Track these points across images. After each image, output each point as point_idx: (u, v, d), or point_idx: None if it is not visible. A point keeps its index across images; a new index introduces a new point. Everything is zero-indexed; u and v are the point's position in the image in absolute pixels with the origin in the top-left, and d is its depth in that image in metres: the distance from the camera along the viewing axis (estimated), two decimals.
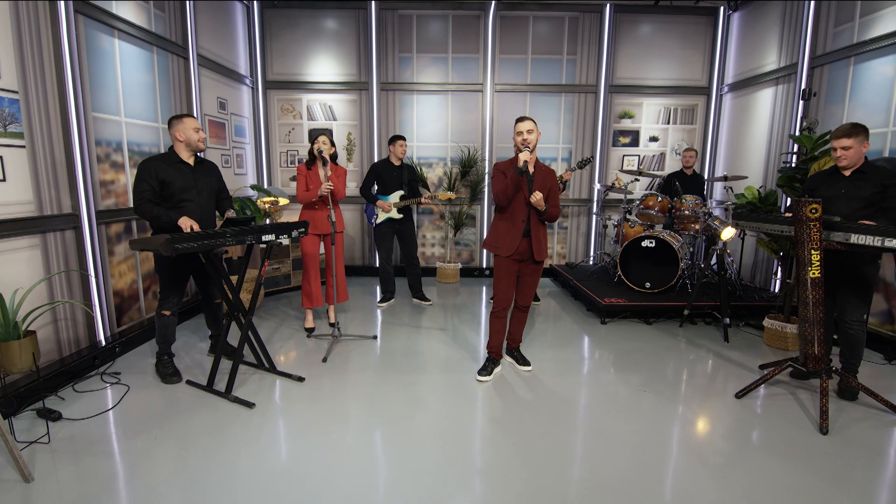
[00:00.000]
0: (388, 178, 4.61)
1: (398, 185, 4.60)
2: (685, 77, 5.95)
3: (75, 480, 2.09)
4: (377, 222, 4.66)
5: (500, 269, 3.05)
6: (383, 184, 4.62)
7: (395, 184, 4.61)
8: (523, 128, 2.87)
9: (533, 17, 5.81)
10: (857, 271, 2.81)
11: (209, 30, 4.82)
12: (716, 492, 2.06)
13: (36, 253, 2.90)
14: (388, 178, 4.61)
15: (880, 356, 3.63)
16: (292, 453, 2.31)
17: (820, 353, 2.71)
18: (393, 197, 4.60)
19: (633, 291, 4.64)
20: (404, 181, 4.61)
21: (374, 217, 4.68)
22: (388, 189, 4.62)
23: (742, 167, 5.46)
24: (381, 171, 4.62)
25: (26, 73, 2.82)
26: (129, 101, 3.67)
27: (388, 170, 4.62)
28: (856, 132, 2.73)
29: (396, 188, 4.61)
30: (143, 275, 3.84)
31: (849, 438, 2.49)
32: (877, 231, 2.38)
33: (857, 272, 2.82)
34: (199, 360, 3.41)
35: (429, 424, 2.59)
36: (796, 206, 2.56)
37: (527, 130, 2.86)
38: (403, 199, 4.58)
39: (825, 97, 4.39)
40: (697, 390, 3.05)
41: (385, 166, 4.64)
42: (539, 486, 2.08)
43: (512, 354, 3.40)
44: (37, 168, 2.89)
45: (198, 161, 3.05)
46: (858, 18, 4.09)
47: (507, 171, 2.91)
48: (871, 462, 2.29)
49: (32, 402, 2.66)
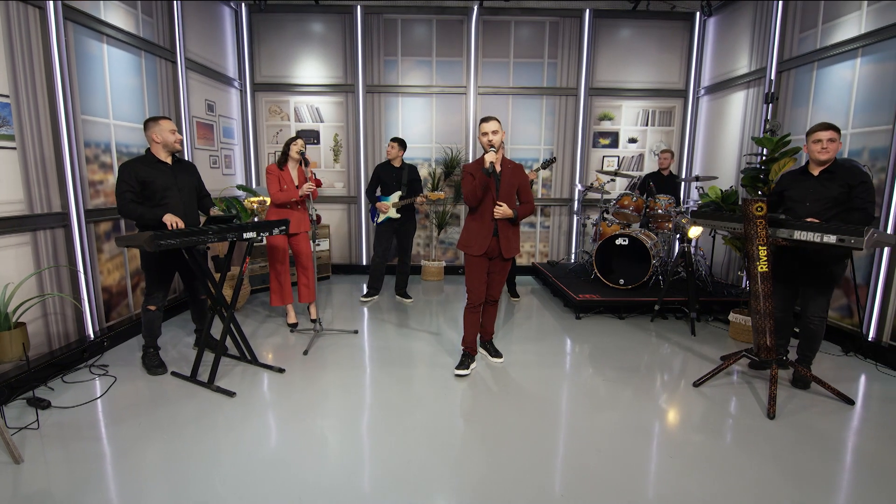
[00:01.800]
0: (387, 179, 4.79)
1: (397, 185, 4.77)
2: (663, 80, 6.12)
3: (63, 462, 2.22)
4: (378, 221, 4.82)
5: (471, 266, 3.18)
6: (384, 185, 4.80)
7: (395, 184, 4.77)
8: (488, 128, 2.97)
9: (515, 21, 5.97)
10: (826, 269, 2.92)
11: (197, 33, 4.95)
12: (659, 472, 2.21)
13: (26, 250, 3.02)
14: (387, 179, 4.79)
15: (838, 348, 3.80)
16: (269, 438, 2.45)
17: (771, 343, 2.87)
18: (392, 197, 4.77)
19: (607, 288, 4.81)
20: (403, 181, 4.77)
21: (375, 217, 4.84)
22: (389, 190, 4.79)
23: (716, 168, 5.63)
24: (381, 173, 4.80)
25: (17, 77, 2.94)
26: (117, 104, 3.80)
27: (388, 171, 4.80)
28: (836, 128, 2.83)
29: (396, 189, 4.78)
30: (132, 272, 3.97)
31: (794, 423, 2.66)
32: (816, 227, 2.54)
33: (826, 270, 2.92)
34: (185, 354, 3.55)
35: (406, 414, 2.73)
36: (744, 205, 2.72)
37: (492, 131, 2.96)
38: (402, 199, 4.74)
39: (791, 100, 4.56)
40: (658, 380, 3.21)
41: (385, 168, 4.82)
42: (506, 466, 2.23)
43: (485, 346, 3.54)
44: (27, 168, 3.02)
45: (175, 160, 3.17)
46: (821, 24, 4.27)
47: (475, 173, 3.02)
48: (810, 444, 2.45)
49: (23, 392, 2.79)
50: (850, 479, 2.18)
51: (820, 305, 2.97)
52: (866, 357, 3.61)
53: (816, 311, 2.98)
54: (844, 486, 2.13)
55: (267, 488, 2.05)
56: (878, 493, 2.08)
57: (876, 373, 3.37)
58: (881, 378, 3.28)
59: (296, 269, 4.07)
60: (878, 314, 3.60)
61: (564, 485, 2.10)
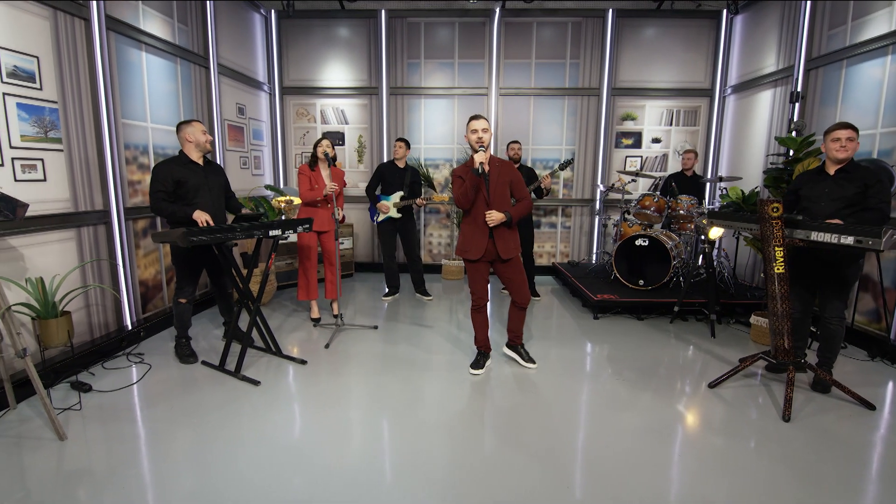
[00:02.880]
0: (390, 179, 4.88)
1: (399, 185, 4.87)
2: (688, 79, 6.05)
3: (102, 440, 2.41)
4: (378, 221, 4.94)
5: (471, 270, 3.19)
6: (386, 184, 4.89)
7: (397, 184, 4.87)
8: (478, 126, 2.93)
9: (537, 23, 6.00)
10: (840, 270, 2.89)
11: (229, 40, 5.18)
12: (670, 472, 2.24)
13: (71, 245, 3.25)
14: (390, 179, 4.88)
15: (865, 353, 3.71)
16: (291, 425, 2.59)
17: (789, 345, 2.85)
18: (394, 197, 4.87)
19: (627, 288, 4.80)
20: (406, 182, 4.86)
21: (375, 215, 4.96)
22: (391, 189, 4.88)
23: (742, 168, 5.53)
24: (385, 172, 4.90)
25: (64, 85, 3.18)
26: (154, 108, 4.03)
27: (392, 171, 4.89)
28: (855, 128, 2.81)
29: (398, 189, 4.87)
30: (166, 266, 4.20)
31: (809, 426, 2.63)
32: (833, 228, 2.51)
33: (840, 271, 2.89)
34: (214, 345, 3.74)
35: (423, 409, 2.83)
36: (760, 206, 2.70)
37: (482, 129, 2.93)
38: (403, 200, 4.84)
39: (819, 99, 4.46)
40: (673, 380, 3.21)
41: (389, 167, 4.92)
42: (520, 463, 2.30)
43: (516, 350, 3.44)
44: (73, 169, 3.25)
45: (206, 161, 3.36)
46: (851, 21, 4.16)
47: (465, 176, 3.02)
48: (824, 447, 2.43)
49: (67, 376, 3.02)
50: (861, 483, 2.16)
51: (837, 307, 2.93)
52: (893, 362, 3.51)
53: (834, 313, 2.94)
54: (855, 490, 2.11)
55: (288, 471, 2.17)
56: (891, 499, 2.05)
57: None
58: None
59: (323, 266, 4.23)
60: None
61: (579, 481, 2.16)
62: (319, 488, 2.06)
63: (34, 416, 2.61)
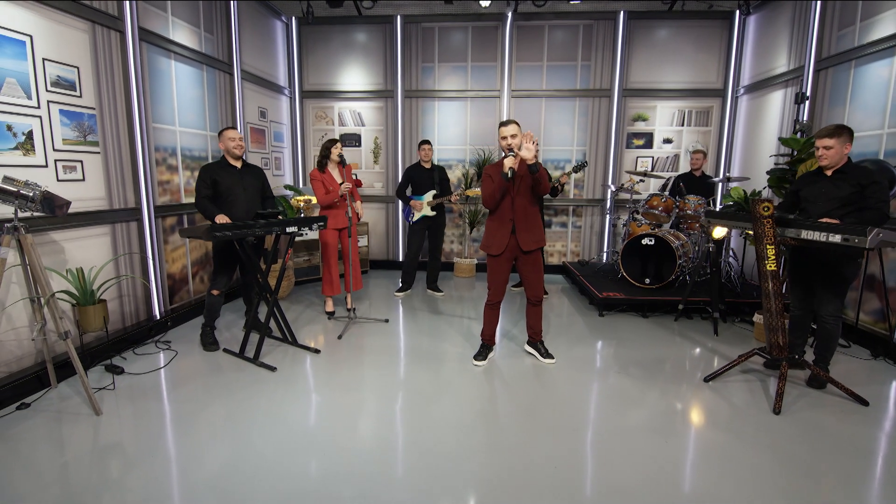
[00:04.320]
0: (419, 180, 5.10)
1: (430, 185, 5.08)
2: (700, 80, 6.08)
3: (133, 415, 2.66)
4: (413, 220, 5.14)
5: (491, 266, 3.34)
6: (416, 185, 5.12)
7: (428, 184, 5.09)
8: (507, 132, 3.10)
9: (549, 26, 6.12)
10: (837, 269, 2.95)
11: (252, 47, 5.45)
12: (657, 461, 2.36)
13: (106, 239, 3.53)
14: (419, 180, 5.10)
15: (868, 352, 3.73)
16: (304, 407, 2.80)
17: (783, 341, 2.92)
18: (427, 196, 5.08)
19: (633, 287, 4.88)
20: (435, 181, 5.08)
21: (410, 216, 5.16)
22: (422, 189, 5.10)
23: (753, 168, 5.54)
24: (413, 174, 5.12)
25: (101, 92, 3.45)
26: (182, 113, 4.30)
27: (420, 172, 5.11)
28: (839, 133, 2.85)
29: (429, 188, 5.09)
30: (193, 261, 4.47)
31: (799, 419, 2.71)
32: (822, 227, 2.59)
33: (837, 270, 2.95)
34: (236, 335, 3.98)
35: (431, 397, 3.00)
36: (752, 205, 2.79)
37: (511, 135, 3.09)
38: (436, 198, 5.04)
39: (829, 100, 4.47)
40: (672, 375, 3.31)
41: (416, 169, 5.14)
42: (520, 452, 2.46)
43: (535, 347, 3.57)
44: (108, 170, 3.53)
45: (244, 165, 3.65)
46: (859, 22, 4.17)
47: (494, 176, 3.19)
48: (811, 438, 2.51)
49: (102, 360, 3.29)
50: (843, 472, 2.24)
51: (834, 305, 2.98)
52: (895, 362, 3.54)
53: (830, 311, 2.99)
54: (837, 478, 2.20)
55: (300, 447, 2.38)
56: (868, 486, 2.14)
57: None
58: None
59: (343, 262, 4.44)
60: None
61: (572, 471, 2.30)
62: (329, 462, 2.25)
63: (73, 394, 2.88)
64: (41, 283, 2.57)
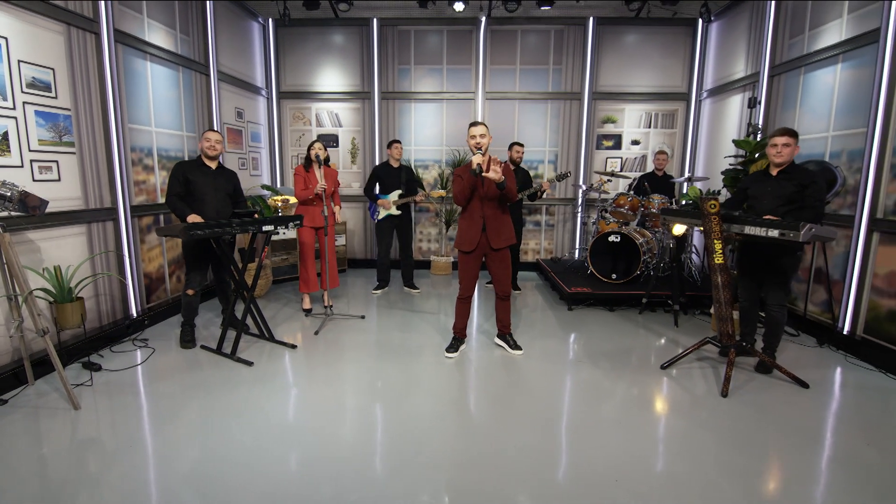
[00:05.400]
0: (387, 179, 5.20)
1: (397, 184, 5.20)
2: (666, 84, 6.33)
3: (111, 410, 2.73)
4: (378, 219, 5.25)
5: (462, 262, 3.51)
6: (383, 184, 5.22)
7: (395, 184, 5.20)
8: (476, 132, 3.29)
9: (521, 30, 6.30)
10: (778, 262, 3.20)
11: (228, 48, 5.50)
12: (615, 437, 2.54)
13: (82, 239, 3.58)
14: (387, 179, 5.20)
15: (814, 340, 4.00)
16: (280, 401, 2.90)
17: (732, 330, 3.14)
18: (392, 195, 5.19)
19: (600, 282, 5.09)
20: (402, 181, 5.19)
21: (375, 214, 5.27)
22: (388, 189, 5.21)
23: (716, 168, 5.81)
24: (381, 173, 5.22)
25: (77, 94, 3.50)
26: (158, 114, 4.35)
27: (388, 171, 5.22)
28: (792, 133, 3.10)
29: (395, 188, 5.20)
30: (169, 260, 4.52)
31: (744, 401, 2.92)
32: (763, 223, 2.81)
33: (778, 262, 3.20)
34: (214, 333, 4.05)
35: (404, 389, 3.13)
36: (701, 203, 3.00)
37: (479, 135, 3.28)
38: (402, 198, 5.16)
39: (781, 104, 4.74)
40: (631, 363, 3.51)
41: (384, 168, 5.24)
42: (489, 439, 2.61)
43: (504, 339, 3.74)
44: (84, 170, 3.58)
45: (219, 167, 3.72)
46: (808, 31, 4.45)
47: (464, 175, 3.37)
48: (753, 418, 2.72)
49: (79, 358, 3.34)
50: (782, 447, 2.45)
51: (778, 296, 3.22)
52: (839, 349, 3.80)
53: (775, 301, 3.23)
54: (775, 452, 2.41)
55: (276, 437, 2.49)
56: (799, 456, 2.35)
57: (844, 363, 3.56)
58: (847, 367, 3.48)
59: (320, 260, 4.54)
60: (853, 309, 3.78)
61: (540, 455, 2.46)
62: (307, 452, 2.37)
63: (50, 390, 2.93)
64: (19, 280, 2.63)
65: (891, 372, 3.35)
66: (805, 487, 2.13)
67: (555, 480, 2.16)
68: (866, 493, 2.09)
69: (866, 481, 2.17)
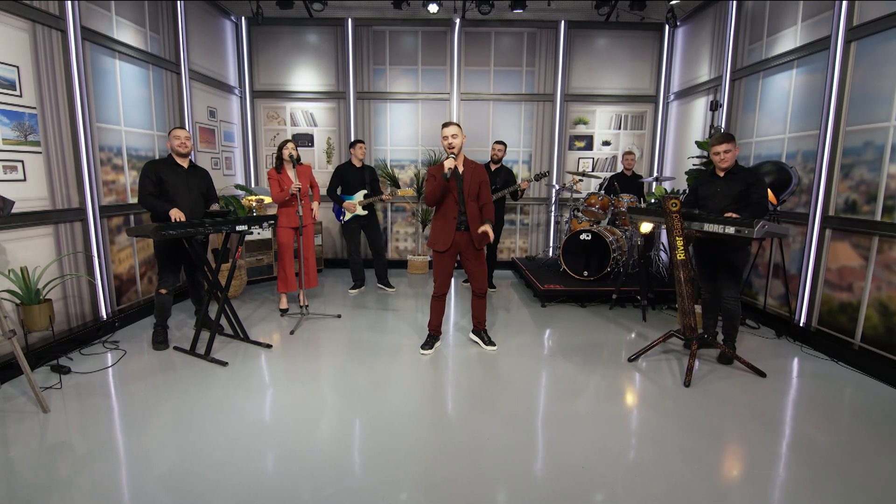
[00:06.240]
0: (351, 179, 5.20)
1: (361, 185, 5.21)
2: (635, 86, 6.53)
3: (81, 413, 2.70)
4: (344, 220, 5.26)
5: (437, 261, 3.57)
6: (347, 185, 5.22)
7: (358, 184, 5.21)
8: (448, 132, 3.32)
9: (495, 32, 6.40)
10: (729, 257, 3.37)
11: (200, 46, 5.44)
12: (583, 426, 2.64)
13: (50, 240, 3.51)
14: (351, 179, 5.20)
15: (773, 332, 4.20)
16: (255, 400, 2.91)
17: (694, 323, 3.29)
18: (357, 196, 5.20)
19: (573, 279, 5.23)
20: (366, 181, 5.21)
21: (342, 216, 5.28)
22: (353, 189, 5.21)
23: (682, 169, 6.02)
24: (344, 174, 5.22)
25: (43, 92, 3.43)
26: (128, 113, 4.28)
27: (351, 171, 5.21)
28: (731, 139, 3.28)
29: (359, 188, 5.21)
30: (140, 262, 4.45)
31: (705, 390, 3.07)
32: (719, 221, 2.96)
33: (729, 258, 3.38)
34: (187, 334, 4.01)
35: (377, 385, 3.18)
36: (663, 202, 3.13)
37: (451, 135, 3.31)
38: (367, 198, 5.18)
39: (742, 107, 4.96)
40: (602, 357, 3.63)
41: (347, 168, 5.24)
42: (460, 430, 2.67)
43: (479, 335, 3.82)
44: (50, 170, 3.51)
45: (191, 165, 3.68)
46: (766, 37, 4.66)
47: (437, 174, 3.41)
48: (712, 405, 2.86)
49: (48, 361, 3.28)
50: (739, 432, 2.59)
51: (732, 288, 3.39)
52: (796, 340, 4.00)
53: (730, 294, 3.40)
54: (733, 437, 2.54)
55: (253, 436, 2.50)
56: (758, 441, 2.49)
57: (800, 353, 3.76)
58: (802, 357, 3.68)
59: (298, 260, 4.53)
60: (808, 302, 3.99)
61: (512, 444, 2.54)
62: (283, 451, 2.39)
63: (18, 394, 2.88)
64: None
65: (843, 361, 3.55)
66: (763, 470, 2.26)
67: (529, 471, 2.24)
68: (821, 474, 2.23)
69: (821, 464, 2.31)
